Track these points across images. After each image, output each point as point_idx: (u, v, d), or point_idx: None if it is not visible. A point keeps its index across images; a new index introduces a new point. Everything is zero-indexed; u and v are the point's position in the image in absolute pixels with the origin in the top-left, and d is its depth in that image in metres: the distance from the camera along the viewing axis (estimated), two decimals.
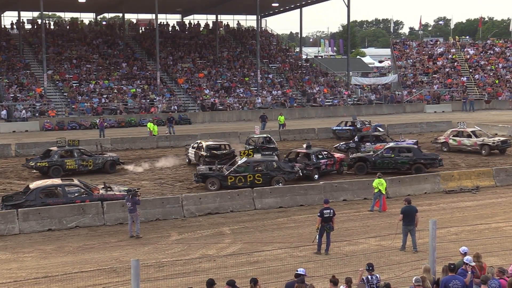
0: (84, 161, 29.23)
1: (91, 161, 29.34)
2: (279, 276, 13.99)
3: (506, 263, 13.68)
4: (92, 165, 29.32)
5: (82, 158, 29.26)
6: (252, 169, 25.29)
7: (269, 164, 25.50)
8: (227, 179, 24.96)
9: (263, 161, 25.78)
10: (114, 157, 30.30)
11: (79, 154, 29.50)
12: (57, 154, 29.05)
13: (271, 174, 25.17)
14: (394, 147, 28.86)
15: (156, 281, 14.51)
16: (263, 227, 19.95)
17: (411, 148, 28.84)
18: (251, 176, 25.00)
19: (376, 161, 28.07)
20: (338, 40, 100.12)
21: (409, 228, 16.86)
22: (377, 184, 21.60)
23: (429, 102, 62.49)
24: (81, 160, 29.16)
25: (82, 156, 29.47)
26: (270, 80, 63.37)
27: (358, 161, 28.46)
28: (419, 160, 27.76)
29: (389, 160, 28.07)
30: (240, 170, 25.19)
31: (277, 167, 25.48)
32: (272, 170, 25.34)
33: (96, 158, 29.59)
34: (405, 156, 28.17)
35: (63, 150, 29.39)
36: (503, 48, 74.75)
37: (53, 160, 28.79)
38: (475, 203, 23.06)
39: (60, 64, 58.06)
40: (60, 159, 28.92)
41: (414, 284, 11.11)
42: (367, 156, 28.62)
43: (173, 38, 67.71)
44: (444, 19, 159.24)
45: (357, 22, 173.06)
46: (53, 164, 28.65)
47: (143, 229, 19.23)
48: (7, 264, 16.48)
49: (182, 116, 52.26)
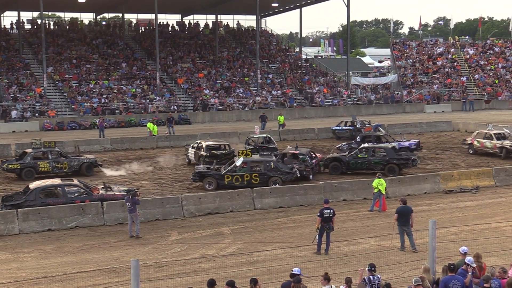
0: (59, 163, 28.44)
1: (66, 163, 28.53)
2: (279, 276, 13.98)
3: (506, 263, 13.68)
4: (67, 167, 28.54)
5: (56, 160, 28.50)
6: (250, 169, 25.31)
7: (267, 164, 25.51)
8: (224, 178, 24.98)
9: (261, 161, 25.78)
10: (91, 159, 29.43)
11: (54, 156, 28.74)
12: (30, 156, 28.45)
13: (268, 174, 25.17)
14: (368, 148, 28.84)
15: (156, 281, 14.51)
16: (263, 227, 19.95)
17: (385, 148, 28.86)
18: (248, 176, 25.01)
19: (350, 161, 28.17)
20: (338, 40, 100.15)
21: (404, 228, 16.88)
22: (377, 184, 21.60)
23: (429, 102, 62.50)
24: (55, 162, 28.42)
25: (57, 158, 28.69)
26: (270, 80, 63.38)
27: (333, 161, 28.56)
28: (392, 161, 27.76)
29: (362, 160, 28.09)
30: (238, 170, 25.21)
31: (275, 167, 25.47)
32: (270, 170, 25.33)
33: (72, 160, 28.81)
34: (379, 156, 28.21)
35: (37, 152, 28.70)
36: (503, 48, 74.76)
37: (26, 162, 28.18)
38: (475, 203, 23.06)
39: (60, 64, 58.07)
40: (33, 161, 28.25)
41: (413, 285, 11.11)
42: (342, 156, 28.73)
43: (173, 38, 67.71)
44: (444, 19, 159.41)
45: (357, 22, 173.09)
46: (26, 166, 28.04)
47: (143, 229, 19.22)
48: (7, 264, 16.48)
49: (182, 116, 52.28)
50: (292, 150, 29.29)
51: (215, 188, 24.59)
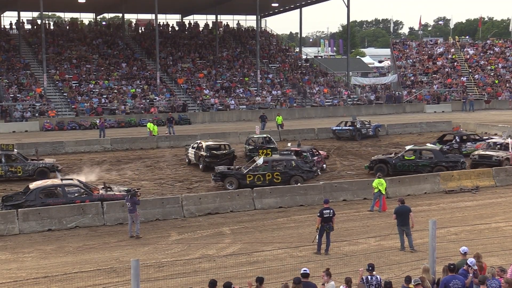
0: (12, 167, 27.74)
1: (19, 168, 27.79)
2: (279, 276, 13.99)
3: (506, 263, 13.68)
4: (22, 171, 27.80)
5: (10, 164, 27.80)
6: (271, 168, 25.32)
7: (288, 163, 25.57)
8: (246, 177, 24.94)
9: (282, 160, 25.83)
10: (47, 163, 28.52)
11: (8, 159, 28.00)
12: None
13: (290, 173, 25.23)
14: (415, 150, 28.28)
15: (156, 281, 14.51)
16: (263, 227, 19.95)
17: (433, 150, 28.23)
18: (270, 175, 25.05)
19: (396, 163, 27.61)
20: (338, 40, 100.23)
21: (403, 228, 16.87)
22: (377, 184, 21.60)
23: (429, 102, 62.51)
24: (9, 166, 27.73)
25: (11, 162, 27.98)
26: (270, 80, 63.38)
27: (378, 163, 28.09)
28: (441, 163, 27.14)
29: (409, 162, 27.54)
30: (259, 169, 25.19)
31: (296, 166, 25.58)
32: (291, 169, 25.43)
33: (27, 165, 28.05)
34: (426, 159, 27.70)
35: None
36: (503, 48, 74.75)
37: None
38: (475, 203, 23.05)
39: (60, 64, 58.06)
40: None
41: (413, 285, 11.11)
42: (388, 158, 28.18)
43: (173, 38, 67.71)
44: (444, 19, 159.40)
45: (357, 22, 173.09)
46: None
47: (143, 229, 19.23)
48: (7, 264, 16.48)
49: (182, 116, 52.28)
50: (294, 147, 29.44)
51: (236, 188, 24.40)
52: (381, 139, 41.04)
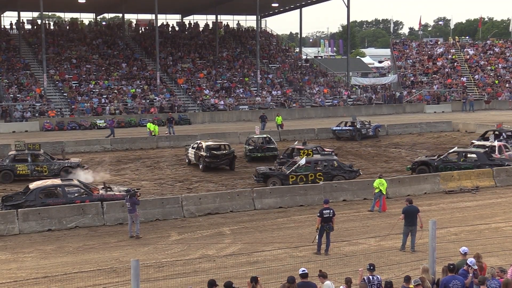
0: (38, 167, 27.92)
1: (45, 167, 27.92)
2: (279, 276, 13.98)
3: (506, 263, 13.68)
4: (47, 171, 27.87)
5: (36, 164, 27.99)
6: (313, 168, 25.39)
7: (330, 163, 25.67)
8: (289, 178, 24.96)
9: (324, 160, 25.90)
10: (72, 163, 28.57)
11: (35, 159, 28.15)
12: (9, 158, 28.11)
13: (332, 173, 25.31)
14: (459, 152, 27.90)
15: (156, 281, 14.50)
16: (263, 227, 19.95)
17: (477, 153, 27.75)
18: (313, 175, 25.11)
19: (438, 165, 27.19)
20: (338, 41, 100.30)
21: (410, 228, 16.77)
22: (378, 184, 21.56)
23: (429, 102, 62.52)
24: (35, 166, 27.93)
25: (37, 161, 28.15)
26: (270, 80, 63.39)
27: (420, 164, 27.72)
28: (484, 166, 26.62)
29: (452, 165, 27.12)
30: (301, 170, 25.22)
31: (338, 166, 25.68)
32: (333, 169, 25.51)
33: (52, 164, 28.16)
34: (470, 161, 27.30)
35: (16, 155, 28.25)
36: (503, 48, 74.76)
37: (4, 165, 27.83)
38: (475, 203, 23.05)
39: (60, 64, 58.06)
40: (11, 164, 27.83)
41: (413, 285, 11.11)
42: (430, 160, 27.78)
43: (173, 38, 67.73)
44: (444, 19, 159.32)
45: (357, 22, 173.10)
46: (4, 169, 27.67)
47: (143, 229, 19.22)
48: (7, 264, 16.47)
49: (182, 116, 52.29)
50: (299, 145, 29.65)
51: None
52: (381, 139, 41.04)
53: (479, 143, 30.29)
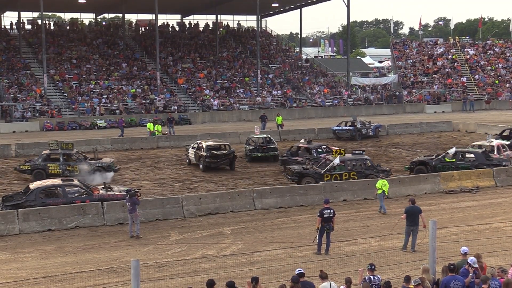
0: (70, 166, 27.93)
1: (76, 167, 27.89)
2: (279, 276, 13.98)
3: (506, 263, 13.68)
4: (78, 170, 27.75)
5: (67, 163, 27.94)
6: (347, 167, 25.51)
7: (364, 163, 25.86)
8: (323, 177, 25.02)
9: (358, 159, 26.06)
10: (103, 163, 28.46)
11: (68, 159, 28.16)
12: (41, 158, 28.18)
13: (365, 173, 25.44)
14: (457, 152, 27.87)
15: (156, 281, 14.51)
16: (263, 227, 19.95)
17: (475, 153, 27.82)
18: (347, 175, 25.23)
19: (436, 165, 27.22)
20: (338, 41, 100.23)
21: (411, 228, 16.76)
22: (381, 185, 21.48)
23: (429, 102, 62.51)
24: (66, 165, 27.89)
25: (69, 161, 28.13)
26: (270, 81, 63.39)
27: (418, 164, 27.77)
28: (482, 166, 26.70)
29: (450, 164, 27.16)
30: (336, 169, 25.32)
31: (371, 166, 25.86)
32: (367, 169, 25.69)
33: (83, 164, 28.02)
34: (468, 161, 27.33)
35: (49, 154, 28.31)
36: (503, 48, 74.76)
37: (36, 164, 27.95)
38: (475, 203, 23.06)
39: (60, 64, 58.07)
40: (43, 163, 27.91)
41: (413, 285, 11.11)
42: (428, 160, 27.84)
43: (173, 38, 67.74)
44: (444, 19, 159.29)
45: (357, 23, 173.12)
46: (36, 168, 27.75)
47: (143, 229, 19.23)
48: (7, 264, 16.47)
49: (182, 116, 52.29)
50: (304, 144, 30.37)
51: None
52: (381, 139, 41.04)
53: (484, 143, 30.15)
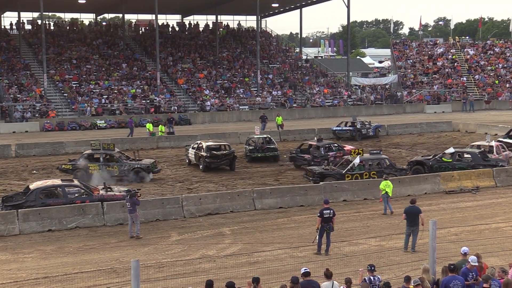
0: (109, 167, 27.82)
1: (116, 167, 27.81)
2: (279, 277, 13.98)
3: (506, 263, 13.68)
4: (118, 171, 27.74)
5: (107, 164, 27.87)
6: (368, 167, 25.65)
7: (382, 162, 26.06)
8: (345, 177, 25.10)
9: (377, 159, 26.24)
10: (143, 164, 28.14)
11: (110, 159, 28.09)
12: (82, 157, 28.21)
13: (385, 172, 25.42)
14: (454, 152, 27.93)
15: (156, 281, 14.51)
16: (263, 227, 19.95)
17: (471, 153, 27.87)
18: (367, 174, 25.36)
19: (433, 165, 27.28)
20: (338, 41, 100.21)
21: (411, 228, 16.76)
22: (384, 186, 21.28)
23: (429, 102, 62.51)
24: (105, 166, 27.83)
25: (108, 161, 28.02)
26: (270, 81, 63.39)
27: (416, 164, 27.86)
28: (478, 166, 26.74)
29: (446, 165, 27.19)
30: (356, 169, 25.41)
31: (390, 165, 26.06)
32: (386, 168, 25.82)
33: (122, 165, 27.90)
34: (464, 161, 27.37)
35: (90, 153, 28.37)
36: (503, 49, 74.73)
37: (77, 164, 27.92)
38: (475, 203, 23.06)
39: (60, 64, 58.06)
40: (84, 163, 27.90)
41: (413, 285, 11.11)
42: (425, 160, 27.94)
43: (173, 39, 67.73)
44: (444, 19, 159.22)
45: (357, 23, 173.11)
46: (77, 168, 27.74)
47: (143, 229, 19.23)
48: (7, 264, 16.48)
49: (182, 117, 52.28)
50: (314, 142, 31.35)
51: None
52: (381, 140, 41.03)
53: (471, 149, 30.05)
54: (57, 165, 29.92)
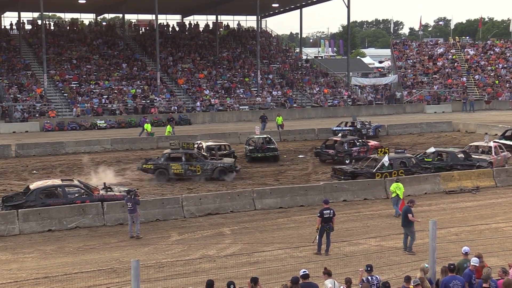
0: (192, 166, 27.66)
1: (199, 167, 27.72)
2: (279, 277, 13.99)
3: (506, 264, 13.68)
4: (200, 170, 27.69)
5: (190, 163, 27.76)
6: (396, 165, 25.84)
7: (409, 161, 26.35)
8: (375, 176, 25.21)
9: (404, 157, 26.53)
10: (225, 163, 28.21)
11: (190, 158, 27.99)
12: (164, 157, 28.10)
13: (412, 170, 25.80)
14: (434, 151, 28.25)
15: (156, 281, 14.52)
16: (263, 227, 19.95)
17: (450, 153, 28.12)
18: (396, 173, 25.47)
19: None
20: (338, 41, 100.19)
21: (404, 229, 16.92)
22: (395, 188, 20.88)
23: (429, 102, 62.50)
24: (188, 165, 27.69)
25: (191, 160, 27.94)
26: (270, 81, 63.39)
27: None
28: (456, 166, 27.01)
29: (427, 164, 27.26)
30: (385, 168, 25.57)
31: (416, 164, 26.31)
32: (413, 166, 26.11)
33: (205, 164, 27.80)
34: (443, 161, 27.62)
35: (171, 153, 28.19)
36: (503, 49, 74.72)
37: (159, 163, 27.85)
38: (475, 203, 23.07)
39: (60, 64, 58.06)
40: (166, 162, 27.75)
41: (413, 286, 11.12)
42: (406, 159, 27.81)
43: (173, 39, 67.72)
44: (444, 19, 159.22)
45: (357, 23, 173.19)
46: (159, 167, 27.69)
47: (143, 229, 19.23)
48: (7, 264, 16.48)
49: (182, 117, 52.28)
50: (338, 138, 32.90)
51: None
52: (382, 140, 40.98)
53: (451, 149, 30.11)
54: (137, 166, 29.40)
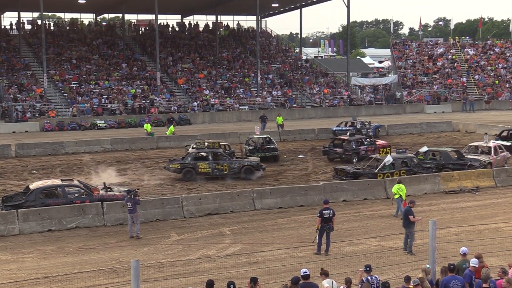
0: (219, 165, 27.74)
1: (226, 166, 27.77)
2: (279, 277, 13.99)
3: (506, 264, 13.68)
4: (228, 169, 27.78)
5: (217, 162, 27.80)
6: (398, 166, 25.83)
7: (411, 161, 26.35)
8: (377, 176, 25.21)
9: (406, 157, 26.52)
10: (252, 162, 28.34)
11: (216, 157, 28.03)
12: (191, 156, 28.09)
13: (413, 170, 25.81)
14: (426, 151, 28.35)
15: (156, 281, 14.52)
16: (263, 227, 19.95)
17: (442, 152, 28.26)
18: (398, 173, 25.51)
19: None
20: (338, 41, 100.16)
21: (405, 229, 16.90)
22: (397, 190, 20.75)
23: (429, 102, 62.51)
24: (215, 164, 27.77)
25: (217, 159, 27.98)
26: (270, 81, 63.39)
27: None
28: (447, 165, 27.15)
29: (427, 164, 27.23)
30: (387, 168, 25.57)
31: (418, 164, 26.33)
32: (414, 166, 26.11)
33: (232, 163, 27.93)
34: (435, 160, 27.71)
35: (197, 152, 28.23)
36: (503, 49, 74.73)
37: (186, 162, 27.86)
38: (475, 203, 23.07)
39: (60, 64, 58.06)
40: (193, 162, 27.82)
41: (412, 286, 11.12)
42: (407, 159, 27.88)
43: (173, 39, 67.73)
44: (444, 19, 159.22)
45: (357, 23, 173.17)
46: (186, 166, 27.70)
47: (143, 229, 19.23)
48: (7, 264, 16.48)
49: (182, 117, 52.28)
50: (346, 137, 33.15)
51: None
52: (381, 140, 40.97)
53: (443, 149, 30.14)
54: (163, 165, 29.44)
